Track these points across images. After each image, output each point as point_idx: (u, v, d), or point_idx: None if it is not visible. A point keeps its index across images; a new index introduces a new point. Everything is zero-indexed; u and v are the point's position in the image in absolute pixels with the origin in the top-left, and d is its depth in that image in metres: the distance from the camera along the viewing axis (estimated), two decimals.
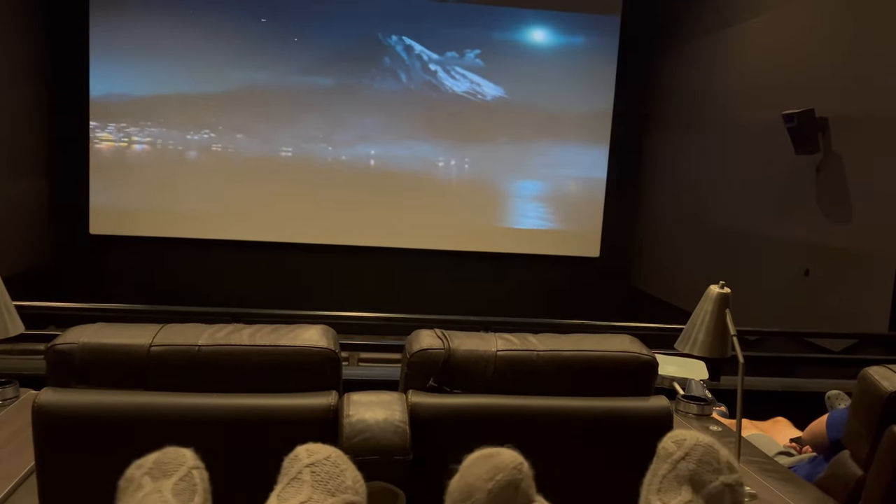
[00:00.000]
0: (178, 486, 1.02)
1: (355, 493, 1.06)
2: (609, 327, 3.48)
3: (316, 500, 1.00)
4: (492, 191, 6.94)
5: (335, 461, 1.06)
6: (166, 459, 1.06)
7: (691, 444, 1.03)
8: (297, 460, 1.06)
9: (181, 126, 6.56)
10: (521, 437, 1.13)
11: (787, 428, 2.56)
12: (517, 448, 1.08)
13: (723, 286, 1.84)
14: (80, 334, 1.42)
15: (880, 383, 1.70)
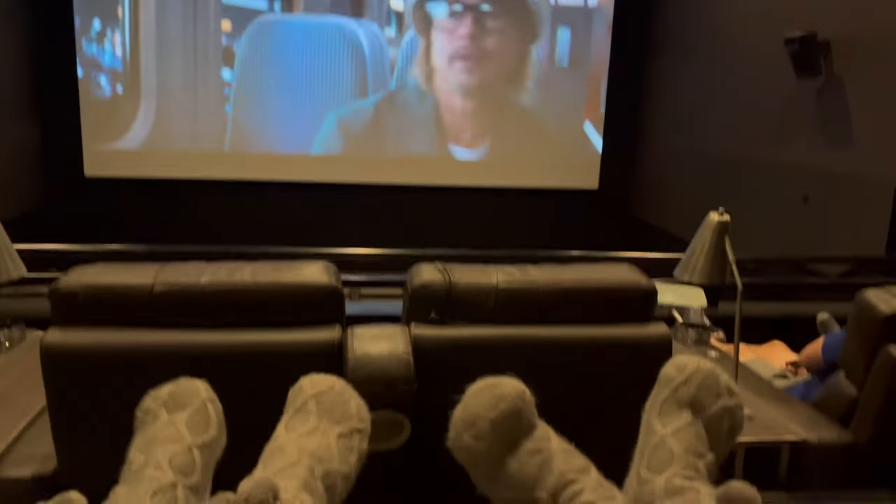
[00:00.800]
0: (192, 419, 1.04)
1: (360, 420, 1.09)
2: (609, 257, 3.49)
3: (322, 428, 1.02)
4: (487, 123, 6.85)
5: (339, 391, 1.09)
6: (180, 391, 1.08)
7: (692, 370, 1.05)
8: (302, 391, 1.08)
9: (175, 61, 6.42)
10: (522, 366, 1.15)
11: (783, 352, 2.60)
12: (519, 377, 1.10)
13: (722, 213, 1.84)
14: (83, 275, 1.43)
15: (877, 305, 1.73)
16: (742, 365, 2.02)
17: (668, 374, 1.06)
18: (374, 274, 3.69)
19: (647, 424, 1.04)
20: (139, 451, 1.00)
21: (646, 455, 1.00)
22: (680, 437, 0.99)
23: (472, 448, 1.00)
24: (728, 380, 1.08)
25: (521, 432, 0.99)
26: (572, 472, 0.95)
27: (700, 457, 0.99)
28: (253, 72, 6.54)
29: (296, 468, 0.95)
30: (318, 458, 0.98)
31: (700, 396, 1.03)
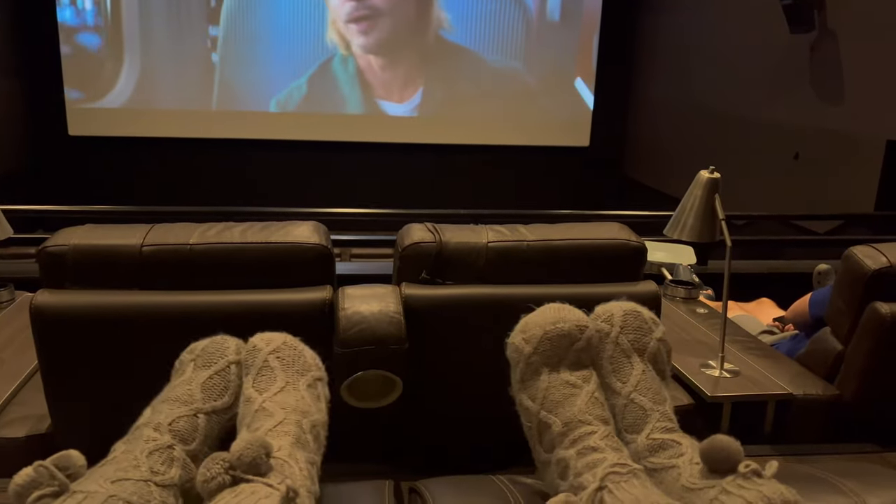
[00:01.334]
0: (210, 381, 1.05)
1: (318, 368, 1.11)
2: (599, 216, 3.50)
3: (291, 383, 1.04)
4: (476, 80, 6.77)
5: (292, 344, 1.11)
6: (211, 349, 1.09)
7: (620, 316, 1.08)
8: (258, 350, 1.09)
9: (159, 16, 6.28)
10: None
11: (770, 308, 2.63)
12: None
13: (712, 171, 1.84)
14: (71, 236, 1.42)
15: (864, 261, 1.74)
16: (729, 321, 2.04)
17: (601, 329, 1.09)
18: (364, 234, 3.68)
19: (607, 385, 1.06)
20: (153, 406, 1.01)
21: (618, 418, 1.02)
22: (642, 390, 1.02)
23: (519, 347, 1.05)
24: (647, 311, 1.12)
25: (568, 360, 1.03)
26: (591, 415, 0.98)
27: (664, 401, 1.04)
28: (239, 27, 6.41)
29: (284, 426, 0.96)
30: (301, 412, 1.00)
31: (638, 338, 1.08)
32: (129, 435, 0.97)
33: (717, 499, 0.85)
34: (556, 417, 0.98)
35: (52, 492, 0.81)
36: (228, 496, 0.82)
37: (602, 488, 0.85)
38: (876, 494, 0.99)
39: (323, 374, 1.12)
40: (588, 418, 0.97)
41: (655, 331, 1.10)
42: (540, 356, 1.03)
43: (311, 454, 0.96)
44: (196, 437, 0.98)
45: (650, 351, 1.07)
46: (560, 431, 0.97)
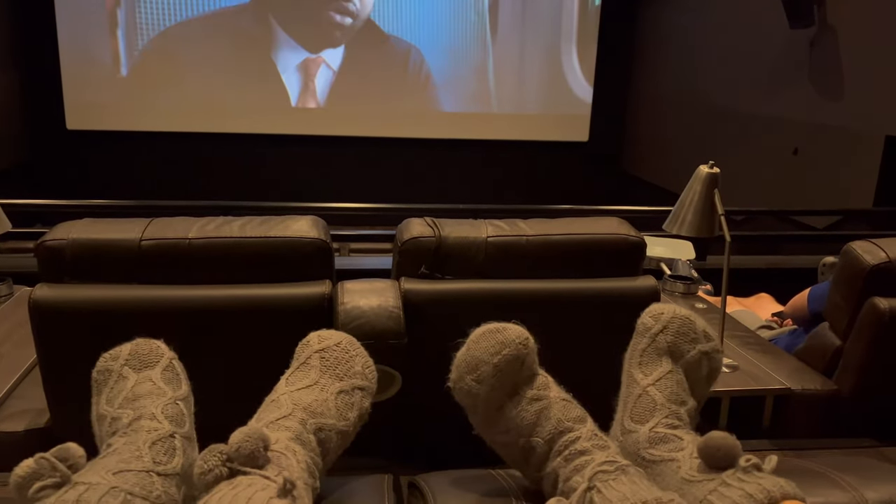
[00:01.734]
0: (165, 375, 1.04)
1: (363, 378, 1.07)
2: (598, 211, 3.50)
3: (322, 384, 1.02)
4: (474, 75, 6.76)
5: (345, 347, 1.08)
6: (143, 351, 1.06)
7: (668, 318, 1.06)
8: (308, 346, 1.08)
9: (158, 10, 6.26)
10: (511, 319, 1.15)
11: (769, 303, 2.63)
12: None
13: (712, 166, 1.84)
14: (70, 230, 1.42)
15: (862, 257, 1.74)
16: (728, 316, 2.05)
17: (644, 323, 1.07)
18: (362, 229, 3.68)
19: (629, 375, 1.05)
20: (123, 408, 0.99)
21: (629, 406, 1.01)
22: (661, 387, 1.01)
23: (473, 391, 1.00)
24: (704, 324, 1.09)
25: (522, 379, 1.00)
26: (569, 420, 0.97)
27: (682, 404, 1.01)
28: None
29: (288, 420, 0.96)
30: (311, 412, 0.99)
31: (678, 343, 1.05)
32: (124, 431, 0.96)
33: (717, 490, 0.85)
34: (536, 438, 0.96)
35: (54, 483, 0.81)
36: (225, 488, 0.82)
37: (591, 488, 0.85)
38: (874, 489, 0.99)
39: (369, 384, 1.08)
40: (567, 425, 0.96)
41: (703, 344, 1.06)
42: (497, 391, 0.99)
43: (310, 453, 0.95)
44: (185, 421, 0.98)
45: (688, 359, 1.04)
46: (545, 450, 0.96)
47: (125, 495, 0.81)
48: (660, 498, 0.82)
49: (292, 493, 0.83)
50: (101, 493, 0.80)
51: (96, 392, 1.05)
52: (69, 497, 0.78)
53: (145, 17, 6.25)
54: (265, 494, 0.81)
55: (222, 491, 0.82)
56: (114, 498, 0.80)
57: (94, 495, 0.79)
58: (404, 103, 6.74)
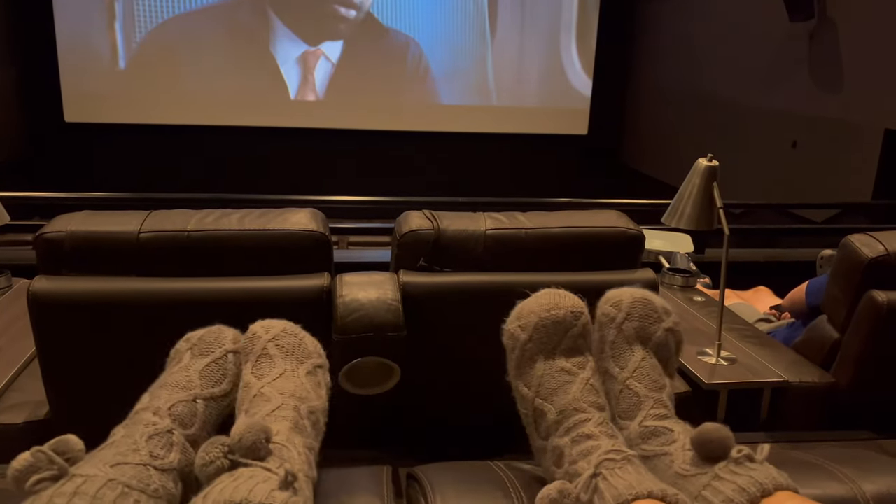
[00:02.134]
0: (208, 368, 1.04)
1: (318, 355, 1.10)
2: (597, 204, 3.50)
3: (291, 370, 1.04)
4: (474, 67, 6.74)
5: (292, 331, 1.10)
6: (209, 338, 1.09)
7: (629, 303, 1.06)
8: (257, 338, 1.08)
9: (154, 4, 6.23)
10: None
11: (767, 296, 2.64)
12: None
13: (711, 159, 1.84)
14: (68, 222, 1.41)
15: (861, 250, 1.74)
16: (726, 309, 2.05)
17: (606, 313, 1.07)
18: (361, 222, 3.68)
19: (604, 370, 1.05)
20: (150, 391, 1.01)
21: (612, 403, 1.02)
22: (639, 377, 1.02)
23: (514, 334, 1.04)
24: (661, 301, 1.10)
25: (563, 347, 1.02)
26: (586, 402, 0.97)
27: (661, 388, 1.02)
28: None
29: (282, 411, 0.96)
30: (298, 398, 0.99)
31: (644, 326, 1.05)
32: (129, 419, 0.97)
33: (710, 485, 0.85)
34: (550, 405, 0.98)
35: (52, 476, 0.81)
36: (227, 480, 0.82)
37: (596, 475, 0.85)
38: (871, 481, 0.99)
39: (324, 361, 1.12)
40: (583, 406, 0.97)
41: (665, 320, 1.07)
42: (535, 343, 1.02)
43: (308, 439, 0.96)
44: (195, 422, 0.98)
45: (655, 340, 1.06)
46: (555, 419, 0.97)
47: (122, 488, 0.81)
48: (664, 490, 0.82)
49: (293, 486, 0.83)
50: (99, 485, 0.80)
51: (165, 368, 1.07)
52: (66, 489, 0.79)
53: (143, 9, 6.23)
54: (266, 486, 0.81)
55: (224, 483, 0.82)
56: (111, 490, 0.80)
57: (91, 487, 0.79)
58: (403, 96, 6.73)
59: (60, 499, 0.77)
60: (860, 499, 0.97)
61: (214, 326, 1.11)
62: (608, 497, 0.82)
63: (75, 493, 0.78)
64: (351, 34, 6.53)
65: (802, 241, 3.73)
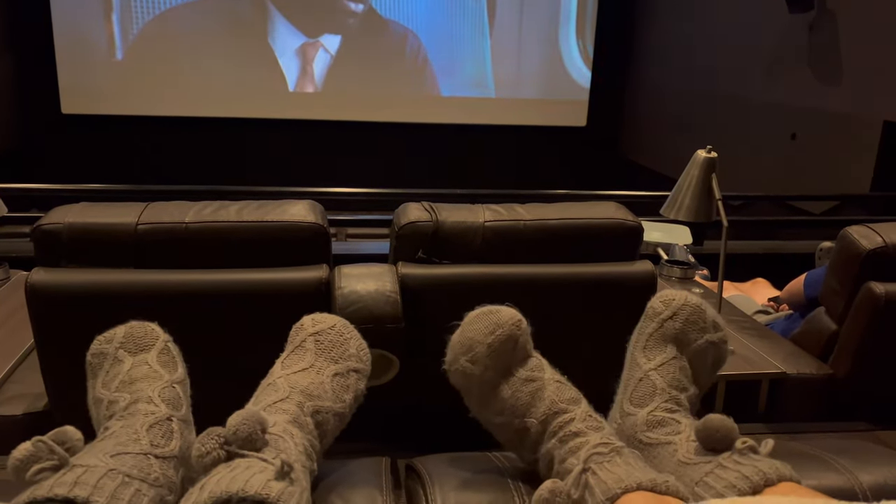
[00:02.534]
0: (161, 359, 1.04)
1: (358, 360, 1.08)
2: (596, 196, 3.50)
3: (318, 367, 1.03)
4: (473, 59, 6.72)
5: (339, 330, 1.08)
6: (138, 334, 1.06)
7: (679, 304, 1.05)
8: (303, 329, 1.08)
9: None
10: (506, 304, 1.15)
11: (765, 288, 2.64)
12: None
13: (710, 151, 1.84)
14: (66, 214, 1.41)
15: (859, 241, 1.74)
16: (725, 301, 2.05)
17: (655, 308, 1.07)
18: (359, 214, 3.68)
19: (632, 358, 1.05)
20: (120, 391, 0.99)
21: (629, 389, 1.02)
22: (663, 372, 1.01)
23: (468, 371, 1.01)
24: (715, 314, 1.09)
25: (516, 360, 1.01)
26: (563, 401, 0.97)
27: (683, 390, 1.01)
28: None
29: (285, 403, 0.96)
30: (308, 395, 0.99)
31: (686, 331, 1.04)
32: (122, 412, 0.96)
33: (713, 472, 0.86)
34: (530, 419, 0.97)
35: (52, 466, 0.81)
36: (223, 471, 0.83)
37: (586, 470, 0.85)
38: (868, 472, 1.00)
39: (362, 367, 1.08)
40: (561, 406, 0.96)
41: (711, 333, 1.05)
42: (493, 371, 1.00)
43: (308, 436, 0.96)
44: (182, 404, 0.98)
45: (694, 347, 1.04)
46: (539, 430, 0.96)
47: (123, 477, 0.82)
48: (654, 479, 0.82)
49: (290, 476, 0.83)
50: (99, 475, 0.80)
51: (91, 375, 1.05)
52: (67, 479, 0.79)
53: (140, 0, 6.20)
54: (263, 477, 0.81)
55: (220, 473, 0.82)
56: (112, 480, 0.80)
57: (92, 477, 0.80)
58: (402, 88, 6.71)
59: (61, 488, 0.77)
60: (857, 489, 0.98)
61: (133, 323, 1.08)
62: (598, 492, 0.82)
63: (76, 483, 0.78)
64: (350, 26, 6.51)
65: (801, 234, 3.73)
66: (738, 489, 0.82)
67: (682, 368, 1.02)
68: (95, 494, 0.78)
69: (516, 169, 6.79)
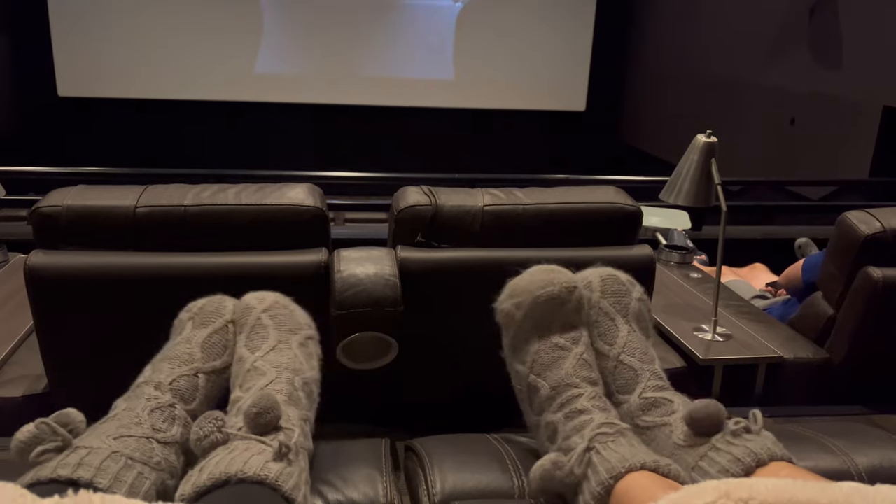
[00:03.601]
0: (210, 340, 1.05)
1: (309, 327, 1.12)
2: (595, 181, 3.49)
3: (284, 341, 1.05)
4: (471, 43, 6.68)
5: (283, 303, 1.11)
6: (209, 308, 1.10)
7: (598, 282, 1.08)
8: (251, 308, 1.09)
9: None
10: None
11: (763, 273, 2.65)
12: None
13: (709, 135, 1.83)
14: (64, 196, 1.41)
15: (857, 226, 1.74)
16: (723, 285, 2.06)
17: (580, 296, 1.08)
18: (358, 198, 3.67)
19: (596, 349, 1.06)
20: (153, 363, 1.02)
21: (609, 379, 1.03)
22: (630, 350, 1.04)
23: (509, 313, 1.06)
24: (621, 272, 1.13)
25: (558, 322, 1.03)
26: (579, 377, 0.99)
27: (653, 360, 1.05)
28: None
29: (276, 384, 0.97)
30: (293, 370, 1.01)
31: (618, 300, 1.08)
32: (130, 392, 0.98)
33: (707, 456, 0.87)
34: (544, 381, 0.99)
35: (55, 447, 0.82)
36: (222, 453, 0.84)
37: (590, 449, 0.87)
38: (863, 454, 1.01)
39: (314, 332, 1.13)
40: (575, 381, 0.98)
41: (633, 291, 1.10)
42: (531, 322, 1.04)
43: (303, 411, 0.97)
44: (196, 397, 0.99)
45: (632, 311, 1.08)
46: (548, 395, 0.98)
47: (126, 460, 0.82)
48: (657, 461, 0.83)
49: (287, 457, 0.84)
50: (103, 457, 0.81)
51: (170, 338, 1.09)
52: (71, 460, 0.79)
53: None
54: (261, 458, 0.82)
55: (219, 455, 0.83)
56: (115, 462, 0.81)
57: (95, 459, 0.80)
58: (400, 71, 6.67)
59: (65, 469, 0.78)
60: (853, 471, 0.99)
61: (216, 296, 1.12)
62: (602, 470, 0.83)
63: (79, 465, 0.79)
64: (347, 7, 6.46)
65: (799, 219, 3.73)
66: (731, 473, 0.83)
67: (639, 339, 1.06)
68: (99, 476, 0.78)
69: (516, 153, 6.76)
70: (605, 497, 0.81)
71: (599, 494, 0.81)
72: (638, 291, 1.11)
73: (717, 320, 1.83)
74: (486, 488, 0.98)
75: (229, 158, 5.88)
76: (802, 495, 0.66)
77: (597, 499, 0.81)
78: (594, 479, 0.83)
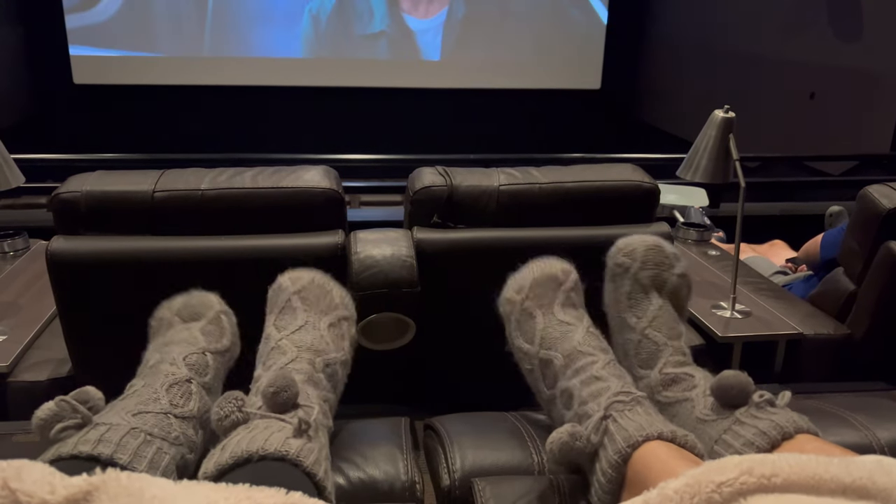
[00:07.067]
0: (207, 328, 1.06)
1: (344, 307, 1.11)
2: (611, 159, 3.46)
3: (312, 322, 1.05)
4: (484, 23, 6.62)
5: (320, 283, 1.11)
6: (193, 303, 1.10)
7: (643, 251, 1.07)
8: (283, 289, 1.09)
9: None
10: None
11: (783, 250, 2.62)
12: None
13: (727, 111, 1.81)
14: (83, 182, 1.42)
15: (879, 201, 1.72)
16: (742, 262, 2.04)
17: (621, 263, 1.07)
18: (373, 181, 3.67)
19: (620, 321, 1.05)
20: (155, 351, 1.03)
21: (631, 353, 1.02)
22: (658, 325, 1.02)
23: (510, 299, 1.07)
24: (670, 246, 1.10)
25: (558, 299, 1.05)
26: (591, 346, 0.99)
27: (679, 336, 1.03)
28: None
29: (297, 363, 0.98)
30: (315, 351, 1.01)
31: (658, 274, 1.06)
32: (145, 372, 0.99)
33: (731, 429, 0.86)
34: (556, 352, 0.99)
35: (75, 424, 0.83)
36: (243, 432, 0.85)
37: (607, 417, 0.86)
38: (885, 428, 1.00)
39: (350, 312, 1.12)
40: (588, 349, 0.98)
41: (676, 266, 1.07)
42: (532, 300, 1.05)
43: (324, 392, 0.98)
44: (208, 372, 1.00)
45: (669, 286, 1.06)
46: (562, 364, 0.98)
47: (145, 435, 0.84)
48: (674, 430, 0.83)
49: (307, 433, 0.85)
50: (123, 433, 0.82)
51: (151, 338, 1.09)
52: (91, 437, 0.81)
53: None
54: (281, 435, 0.83)
55: (240, 434, 0.84)
56: (134, 438, 0.82)
57: (115, 435, 0.81)
58: (413, 53, 6.64)
59: (85, 446, 0.79)
60: (875, 445, 0.98)
61: (194, 292, 1.12)
62: (619, 439, 0.83)
63: (100, 441, 0.80)
64: None
65: (819, 194, 3.68)
66: (757, 446, 0.82)
67: (670, 314, 1.04)
68: (119, 452, 0.80)
69: (531, 133, 6.72)
70: (621, 465, 0.81)
71: (616, 462, 0.81)
72: (681, 267, 1.08)
73: (736, 297, 1.82)
74: (506, 465, 0.98)
75: (246, 143, 5.90)
76: (826, 472, 0.66)
77: (613, 467, 0.81)
78: (611, 447, 0.83)
